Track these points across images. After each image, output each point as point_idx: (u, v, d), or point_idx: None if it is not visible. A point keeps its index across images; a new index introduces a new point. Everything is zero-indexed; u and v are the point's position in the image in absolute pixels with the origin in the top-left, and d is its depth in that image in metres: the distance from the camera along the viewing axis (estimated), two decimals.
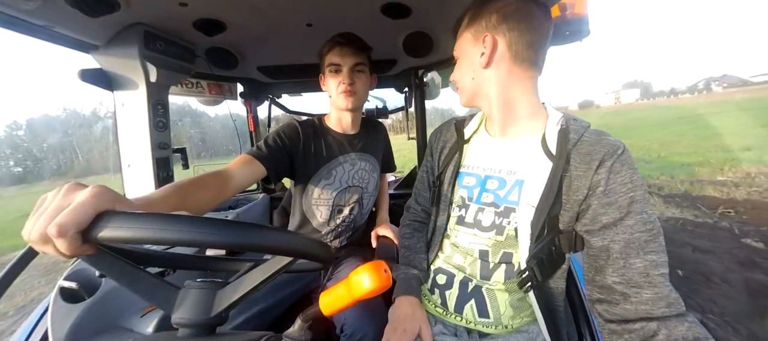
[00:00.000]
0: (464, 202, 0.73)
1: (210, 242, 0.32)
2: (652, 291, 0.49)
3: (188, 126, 67.19)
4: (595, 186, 0.56)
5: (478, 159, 0.74)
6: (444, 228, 0.77)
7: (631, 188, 0.54)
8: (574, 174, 0.58)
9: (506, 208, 0.66)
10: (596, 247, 0.56)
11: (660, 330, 0.47)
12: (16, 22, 0.76)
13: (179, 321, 0.40)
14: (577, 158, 0.59)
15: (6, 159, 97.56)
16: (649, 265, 0.50)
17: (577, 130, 0.61)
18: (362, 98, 1.07)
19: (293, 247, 0.37)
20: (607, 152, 0.56)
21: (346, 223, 1.14)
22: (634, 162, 0.57)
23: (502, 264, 0.69)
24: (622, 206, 0.53)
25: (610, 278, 0.53)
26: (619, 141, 0.59)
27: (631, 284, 0.51)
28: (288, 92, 1.78)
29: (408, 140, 1.77)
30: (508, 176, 0.68)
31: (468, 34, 0.68)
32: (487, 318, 0.70)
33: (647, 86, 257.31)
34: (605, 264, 0.54)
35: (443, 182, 0.78)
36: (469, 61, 0.68)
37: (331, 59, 0.99)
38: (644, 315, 0.49)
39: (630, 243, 0.52)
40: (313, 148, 1.05)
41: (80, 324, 0.68)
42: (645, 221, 0.52)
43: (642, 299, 0.50)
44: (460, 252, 0.74)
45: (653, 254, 0.51)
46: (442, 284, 0.75)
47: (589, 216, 0.57)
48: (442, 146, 0.83)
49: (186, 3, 0.85)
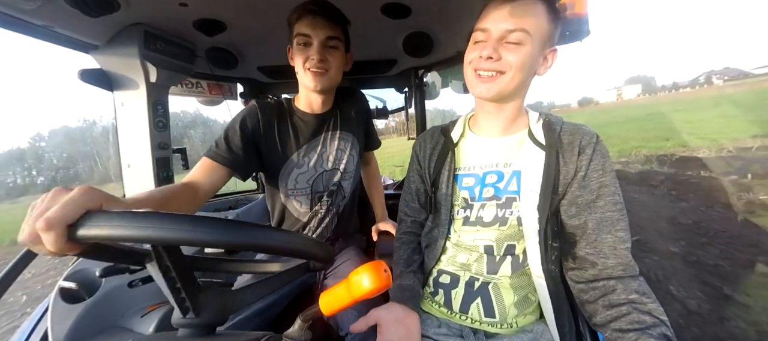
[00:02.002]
0: (467, 202, 0.73)
1: (204, 241, 0.32)
2: (616, 259, 0.59)
3: (200, 133, 68.67)
4: (577, 171, 0.63)
5: (473, 159, 0.74)
6: (446, 232, 0.76)
7: (603, 173, 0.62)
8: (562, 161, 0.65)
9: (507, 199, 0.68)
10: (573, 225, 0.64)
11: (617, 286, 0.58)
12: (16, 22, 0.76)
13: (179, 321, 0.40)
14: (561, 147, 0.65)
15: (29, 169, 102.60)
16: (617, 240, 0.59)
17: (557, 121, 0.69)
18: (335, 79, 0.92)
19: (290, 246, 0.38)
20: (585, 141, 0.64)
21: (329, 210, 1.04)
22: (606, 150, 0.64)
23: (507, 256, 0.70)
24: (594, 190, 0.62)
25: (583, 250, 0.62)
26: (593, 131, 0.66)
27: (601, 255, 0.60)
28: (288, 92, 1.78)
29: (408, 140, 1.77)
30: (505, 168, 0.70)
31: (547, 27, 0.62)
32: (492, 317, 0.70)
33: (650, 81, 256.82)
34: (579, 239, 0.63)
35: (439, 187, 0.76)
36: (533, 57, 0.63)
37: (300, 29, 0.84)
38: (606, 276, 0.59)
39: (602, 222, 0.60)
40: (278, 134, 0.94)
41: (80, 324, 0.68)
42: (615, 202, 0.61)
43: (607, 265, 0.59)
44: (463, 251, 0.74)
45: (621, 231, 0.60)
46: (447, 284, 0.75)
47: (568, 198, 0.64)
48: (430, 152, 0.80)
49: (186, 3, 0.85)
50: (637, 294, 0.56)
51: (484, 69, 0.64)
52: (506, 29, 0.61)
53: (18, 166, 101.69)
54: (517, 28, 0.60)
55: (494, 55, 0.62)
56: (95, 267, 0.70)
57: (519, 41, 0.61)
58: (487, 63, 0.63)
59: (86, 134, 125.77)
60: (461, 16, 1.06)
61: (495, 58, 0.62)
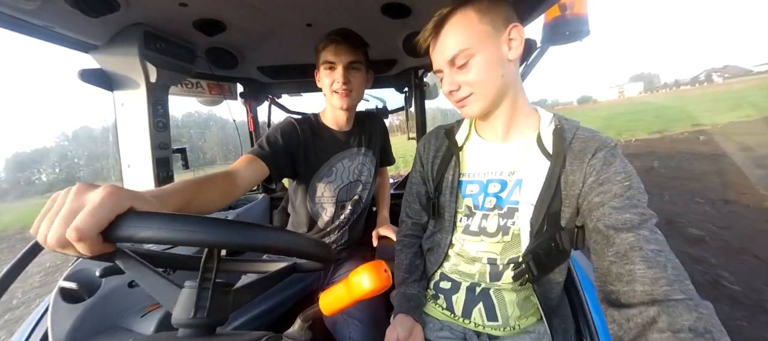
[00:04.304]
0: (470, 210, 0.71)
1: (230, 244, 0.34)
2: (645, 265, 0.44)
3: (216, 133, 71.10)
4: (587, 176, 0.57)
5: (477, 165, 0.72)
6: (449, 239, 0.74)
7: (626, 177, 0.54)
8: (569, 170, 0.60)
9: (510, 209, 0.66)
10: (592, 230, 0.55)
11: (660, 317, 0.40)
12: (16, 22, 0.76)
13: (179, 321, 0.40)
14: (571, 155, 0.60)
15: (53, 167, 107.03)
16: (641, 239, 0.47)
17: (570, 129, 0.63)
18: (357, 97, 1.05)
19: (301, 248, 0.38)
20: (599, 146, 0.58)
21: (348, 219, 1.13)
22: (623, 157, 0.58)
23: (510, 264, 0.69)
24: (616, 193, 0.53)
25: (607, 259, 0.50)
26: (610, 137, 0.60)
27: (625, 260, 0.47)
28: (288, 92, 1.78)
29: (408, 140, 1.77)
30: (508, 177, 0.67)
31: (486, 26, 0.59)
32: (495, 321, 0.69)
33: (653, 79, 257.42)
34: (602, 247, 0.52)
35: (443, 192, 0.75)
36: (493, 56, 0.59)
37: (326, 56, 0.97)
38: (643, 299, 0.43)
39: (619, 222, 0.50)
40: (313, 146, 1.03)
41: (80, 324, 0.68)
42: (636, 206, 0.51)
43: (636, 276, 0.44)
44: (465, 261, 0.72)
45: (647, 231, 0.48)
46: (448, 289, 0.75)
47: (586, 206, 0.57)
48: (433, 155, 0.79)
49: (186, 3, 0.85)
50: (690, 333, 0.37)
51: (456, 100, 0.65)
52: (448, 59, 0.61)
53: (44, 163, 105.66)
54: (456, 52, 0.60)
55: (454, 87, 0.63)
56: (95, 266, 0.70)
57: (465, 60, 0.60)
58: (452, 96, 0.65)
59: (105, 134, 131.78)
60: None
61: (455, 88, 0.63)
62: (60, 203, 0.34)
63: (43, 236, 0.33)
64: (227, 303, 0.42)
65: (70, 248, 0.33)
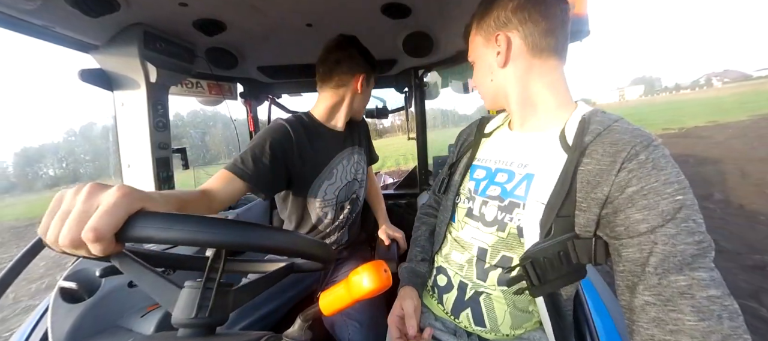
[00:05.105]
0: (470, 193, 0.71)
1: (241, 245, 0.35)
2: (696, 317, 0.37)
3: (221, 130, 73.33)
4: (624, 184, 0.46)
5: (491, 152, 0.73)
6: (450, 218, 0.76)
7: (679, 189, 0.43)
8: (594, 169, 0.50)
9: (511, 203, 0.62)
10: (628, 260, 0.45)
11: None
12: (16, 22, 0.76)
13: (179, 320, 0.40)
14: (600, 149, 0.50)
15: (60, 161, 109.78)
16: (695, 284, 0.39)
17: (603, 121, 0.53)
18: None
19: (299, 248, 0.39)
20: (638, 144, 0.47)
21: (347, 219, 1.13)
22: (671, 157, 0.47)
23: (498, 268, 0.64)
24: (666, 212, 0.43)
25: (642, 297, 0.42)
26: (652, 134, 0.49)
27: (669, 307, 0.39)
28: (288, 92, 1.78)
29: (408, 140, 1.77)
30: (518, 169, 0.64)
31: (479, 38, 0.67)
32: (483, 326, 0.67)
33: (654, 82, 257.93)
34: (638, 280, 0.44)
35: (455, 173, 0.79)
36: (486, 65, 0.67)
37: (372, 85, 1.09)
38: None
39: (670, 256, 0.41)
40: (310, 150, 0.98)
41: (80, 324, 0.68)
42: (692, 231, 0.41)
43: (683, 327, 0.37)
44: (458, 249, 0.71)
45: (703, 271, 0.40)
46: (443, 286, 0.74)
47: (620, 221, 0.46)
48: (464, 141, 0.84)
49: (186, 3, 0.85)
50: None
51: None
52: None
53: (51, 158, 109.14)
54: (470, 57, 0.74)
55: (471, 84, 0.74)
56: (95, 266, 0.70)
57: (472, 65, 0.74)
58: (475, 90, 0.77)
59: (111, 131, 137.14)
60: (461, 16, 1.06)
61: (472, 85, 0.74)
62: (69, 203, 0.33)
63: (54, 236, 0.32)
64: (227, 303, 0.42)
65: (83, 249, 0.32)
